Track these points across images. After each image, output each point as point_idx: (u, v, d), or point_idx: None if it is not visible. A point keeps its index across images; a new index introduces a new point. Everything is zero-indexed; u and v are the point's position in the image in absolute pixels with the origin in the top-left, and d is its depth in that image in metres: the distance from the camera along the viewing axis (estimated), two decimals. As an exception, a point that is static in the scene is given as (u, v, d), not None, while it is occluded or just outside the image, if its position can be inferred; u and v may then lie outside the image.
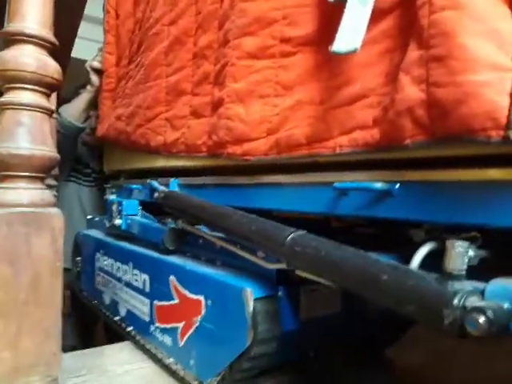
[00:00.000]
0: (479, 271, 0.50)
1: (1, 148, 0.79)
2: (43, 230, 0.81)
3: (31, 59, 0.80)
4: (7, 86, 0.81)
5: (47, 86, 0.84)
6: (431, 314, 0.44)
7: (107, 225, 1.32)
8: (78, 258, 1.52)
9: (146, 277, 1.05)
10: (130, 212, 1.23)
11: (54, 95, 0.91)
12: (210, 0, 0.91)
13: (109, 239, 1.33)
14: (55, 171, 1.32)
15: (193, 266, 0.89)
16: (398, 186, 0.55)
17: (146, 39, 1.16)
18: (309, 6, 0.69)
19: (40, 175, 0.83)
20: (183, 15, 1.00)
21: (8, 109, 0.80)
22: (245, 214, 0.75)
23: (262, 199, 0.81)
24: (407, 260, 0.54)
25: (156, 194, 1.04)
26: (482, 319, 0.40)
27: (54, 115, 0.95)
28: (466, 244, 0.46)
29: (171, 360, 0.91)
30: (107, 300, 1.31)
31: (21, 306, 0.78)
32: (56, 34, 0.86)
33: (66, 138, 1.50)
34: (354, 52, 0.53)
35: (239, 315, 0.71)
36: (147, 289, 1.04)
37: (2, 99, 0.80)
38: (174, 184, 1.09)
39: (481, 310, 0.41)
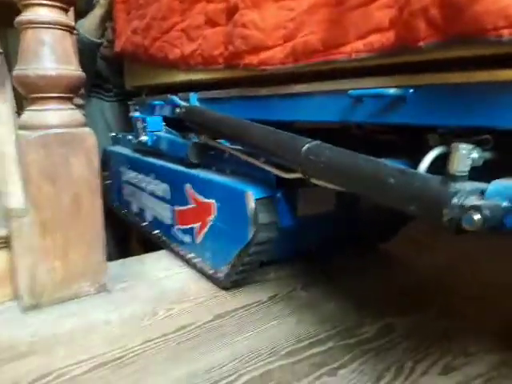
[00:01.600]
0: (490, 171, 0.52)
1: (27, 69, 0.81)
2: (79, 150, 0.86)
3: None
4: (24, 2, 0.79)
5: (64, 0, 0.82)
6: (432, 212, 0.47)
7: (134, 141, 1.37)
8: (106, 173, 1.61)
9: (166, 186, 1.17)
10: (154, 128, 1.27)
11: (71, 10, 0.89)
12: None
13: (133, 154, 1.41)
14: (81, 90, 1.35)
15: (204, 174, 1.01)
16: (411, 91, 0.55)
17: None
18: None
19: (69, 95, 0.86)
20: None
21: (29, 28, 0.80)
22: (263, 126, 0.77)
23: (280, 111, 0.82)
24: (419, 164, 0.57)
25: (177, 110, 1.07)
26: (477, 217, 0.43)
27: (74, 31, 0.94)
28: (469, 146, 0.47)
29: (192, 255, 1.08)
30: (135, 209, 1.44)
31: (65, 222, 0.87)
32: None
33: (85, 53, 1.49)
34: None
35: (243, 213, 0.85)
36: (168, 196, 1.17)
37: (21, 17, 0.80)
38: (194, 98, 1.10)
39: (477, 209, 0.44)
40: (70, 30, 0.85)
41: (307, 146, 0.66)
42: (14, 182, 0.87)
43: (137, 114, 1.38)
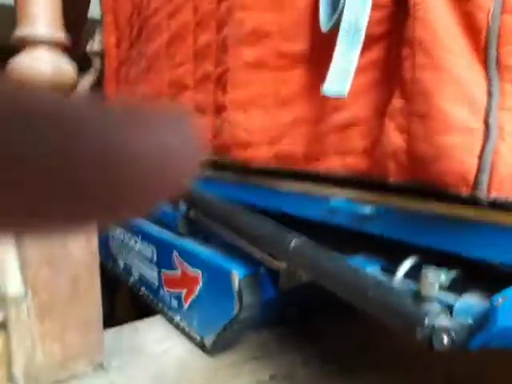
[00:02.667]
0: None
1: None
2: (77, 238, 0.90)
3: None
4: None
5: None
6: (408, 329, 0.54)
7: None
8: None
9: (153, 248, 1.22)
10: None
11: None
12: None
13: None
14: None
15: (192, 244, 1.08)
16: (384, 209, 0.63)
17: (145, 27, 1.16)
18: (304, 24, 0.71)
19: None
20: (181, 9, 1.00)
21: None
22: (255, 215, 0.84)
23: (269, 200, 0.89)
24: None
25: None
26: (445, 339, 0.50)
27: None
28: (437, 273, 0.54)
29: (178, 318, 1.13)
30: (121, 264, 1.47)
31: (63, 306, 0.89)
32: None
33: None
34: (342, 97, 0.57)
35: (228, 290, 0.92)
36: (155, 258, 1.22)
37: None
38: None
39: (445, 330, 0.50)
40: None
41: (294, 242, 0.72)
42: (10, 264, 0.90)
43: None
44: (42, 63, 0.82)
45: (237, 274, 0.90)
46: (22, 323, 0.86)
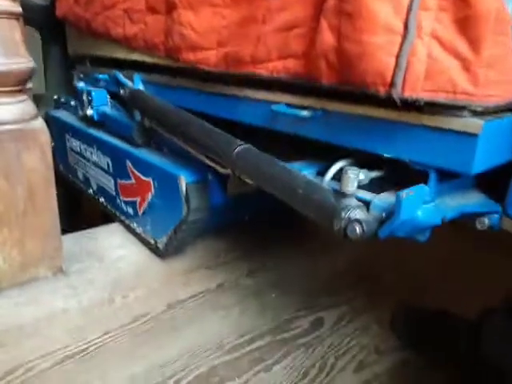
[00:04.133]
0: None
1: None
2: (32, 144, 0.87)
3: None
4: None
5: None
6: (327, 221, 0.59)
7: (80, 113, 1.38)
8: None
9: (108, 159, 1.25)
10: (99, 102, 1.28)
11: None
12: None
13: (77, 123, 1.42)
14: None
15: (144, 154, 1.10)
16: (320, 113, 0.65)
17: None
18: None
19: (19, 88, 0.84)
20: None
21: None
22: (203, 122, 0.85)
23: (217, 108, 0.89)
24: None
25: (122, 91, 1.10)
26: (357, 229, 0.55)
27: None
28: (356, 171, 0.58)
29: (135, 225, 1.19)
30: (81, 176, 1.49)
31: (21, 215, 0.91)
32: None
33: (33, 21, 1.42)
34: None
35: (176, 195, 0.96)
36: (111, 169, 1.24)
37: None
38: (138, 80, 1.13)
39: (358, 222, 0.56)
40: (17, 17, 0.82)
41: (237, 149, 0.75)
42: None
43: (81, 84, 1.37)
44: None
45: (184, 179, 0.94)
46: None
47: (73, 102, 1.47)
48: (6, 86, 0.83)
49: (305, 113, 0.66)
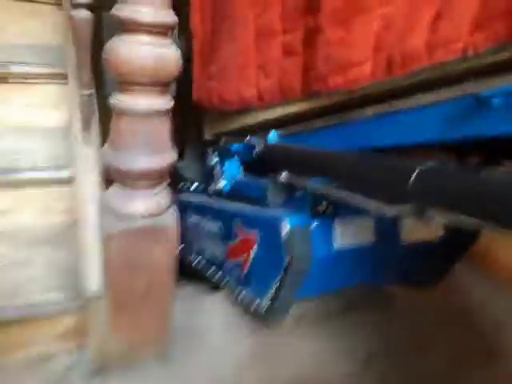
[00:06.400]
0: None
1: (118, 160, 0.74)
2: (162, 240, 0.81)
3: (148, 54, 0.65)
4: (121, 81, 0.69)
5: (165, 84, 0.72)
6: None
7: (212, 189, 1.32)
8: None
9: (220, 224, 1.17)
10: (232, 173, 1.21)
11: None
12: None
13: (197, 199, 1.40)
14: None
15: (251, 208, 1.02)
16: None
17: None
18: None
19: (157, 182, 0.80)
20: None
21: (123, 114, 0.71)
22: (356, 155, 0.67)
23: (375, 135, 0.70)
24: None
25: (255, 150, 1.00)
26: None
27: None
28: None
29: (239, 289, 1.05)
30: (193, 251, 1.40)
31: (138, 302, 0.84)
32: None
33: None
34: None
35: (278, 243, 0.84)
36: (221, 233, 1.16)
37: (116, 102, 0.71)
38: (273, 135, 1.02)
39: None
40: (167, 113, 0.76)
41: (418, 170, 0.53)
42: (91, 259, 0.84)
43: (214, 159, 1.34)
44: (143, 49, 0.66)
45: (286, 224, 0.82)
46: (98, 316, 0.83)
47: (196, 184, 1.48)
48: (147, 180, 0.77)
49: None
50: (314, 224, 0.83)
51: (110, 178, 0.81)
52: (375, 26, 0.63)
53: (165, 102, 0.73)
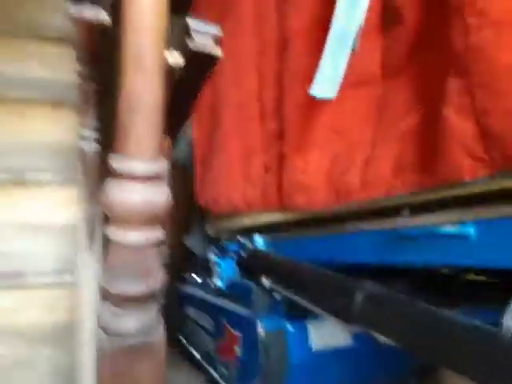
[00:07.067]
0: None
1: (109, 284, 0.79)
2: (146, 359, 0.82)
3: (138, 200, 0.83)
4: (113, 217, 0.81)
5: (154, 221, 0.85)
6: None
7: (211, 285, 1.37)
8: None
9: (211, 321, 1.22)
10: (227, 273, 1.27)
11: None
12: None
13: (198, 292, 1.44)
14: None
15: (235, 307, 1.05)
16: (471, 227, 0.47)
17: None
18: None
19: (147, 303, 0.85)
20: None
21: (115, 245, 0.82)
22: (316, 269, 0.72)
23: (325, 251, 0.77)
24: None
25: (242, 254, 1.07)
26: None
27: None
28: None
29: None
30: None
31: None
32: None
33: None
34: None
35: (256, 345, 0.87)
36: (212, 329, 1.20)
37: (109, 234, 0.82)
38: (257, 240, 1.10)
39: None
40: (157, 244, 0.87)
41: (360, 292, 0.58)
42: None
43: (212, 256, 1.41)
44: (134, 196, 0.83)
45: (261, 326, 0.86)
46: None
47: (195, 276, 1.54)
48: (136, 302, 0.83)
49: (451, 229, 0.49)
50: (288, 326, 0.86)
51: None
52: (326, 160, 0.73)
53: (153, 236, 0.82)
